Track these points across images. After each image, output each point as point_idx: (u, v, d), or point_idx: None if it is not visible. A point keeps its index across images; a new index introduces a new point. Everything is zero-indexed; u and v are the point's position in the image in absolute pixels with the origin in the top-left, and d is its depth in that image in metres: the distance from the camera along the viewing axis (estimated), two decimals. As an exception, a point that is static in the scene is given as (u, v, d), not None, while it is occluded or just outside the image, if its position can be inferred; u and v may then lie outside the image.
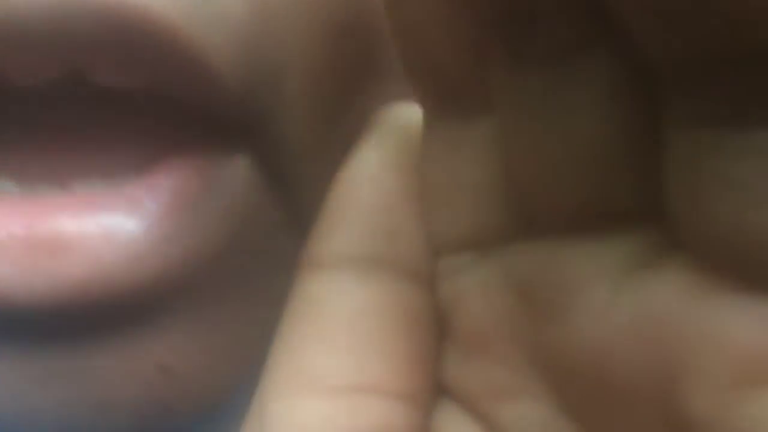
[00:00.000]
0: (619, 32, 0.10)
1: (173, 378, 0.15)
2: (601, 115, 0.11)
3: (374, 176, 0.14)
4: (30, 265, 0.14)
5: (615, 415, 0.11)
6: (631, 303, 0.11)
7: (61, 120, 0.16)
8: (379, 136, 0.14)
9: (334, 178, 0.14)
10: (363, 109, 0.15)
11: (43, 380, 0.15)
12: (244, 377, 0.16)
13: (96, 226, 0.14)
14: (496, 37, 0.11)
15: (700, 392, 0.10)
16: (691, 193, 0.10)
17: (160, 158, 0.16)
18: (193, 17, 0.14)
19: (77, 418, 0.15)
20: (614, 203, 0.11)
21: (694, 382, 0.10)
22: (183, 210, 0.15)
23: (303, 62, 0.15)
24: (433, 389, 0.14)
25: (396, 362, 0.14)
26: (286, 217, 0.16)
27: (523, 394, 0.13)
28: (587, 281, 0.12)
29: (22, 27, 0.13)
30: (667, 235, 0.11)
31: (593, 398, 0.12)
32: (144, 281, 0.15)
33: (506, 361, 0.13)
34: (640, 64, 0.10)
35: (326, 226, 0.14)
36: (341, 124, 0.16)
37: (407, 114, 0.14)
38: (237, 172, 0.16)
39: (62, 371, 0.15)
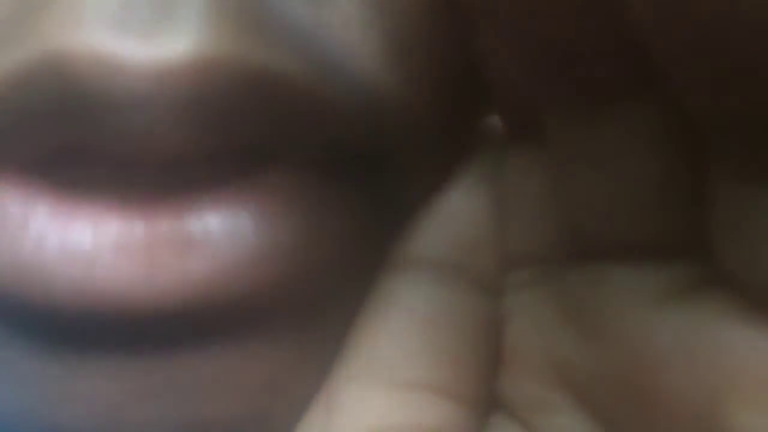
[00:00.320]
0: (663, 85, 0.11)
1: (280, 395, 0.15)
2: (642, 158, 0.11)
3: (466, 190, 0.15)
4: (155, 265, 0.13)
5: (654, 428, 0.12)
6: (673, 325, 0.12)
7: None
8: (476, 159, 0.15)
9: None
10: (463, 133, 0.16)
11: (140, 394, 0.14)
12: None
13: (220, 225, 0.13)
14: (542, 78, 0.12)
15: (744, 414, 0.11)
16: (735, 240, 0.11)
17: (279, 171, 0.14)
18: (327, 82, 0.13)
19: None
20: (656, 238, 0.12)
21: (738, 403, 0.11)
22: (303, 218, 0.14)
23: (420, 103, 0.15)
24: (491, 399, 0.14)
25: (462, 368, 0.14)
26: (388, 237, 0.15)
27: (562, 410, 0.13)
28: (629, 306, 0.12)
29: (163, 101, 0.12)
30: (709, 268, 0.11)
31: (633, 417, 0.12)
32: (264, 284, 0.14)
33: (543, 378, 0.14)
34: (684, 116, 0.11)
35: (415, 230, 0.15)
36: (447, 150, 0.15)
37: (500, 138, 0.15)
38: (352, 192, 0.15)
39: (163, 384, 0.14)
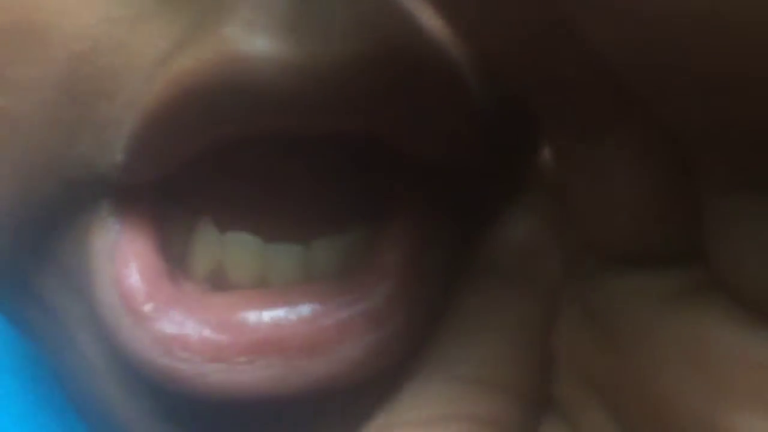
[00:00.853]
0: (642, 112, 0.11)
1: None
2: (637, 178, 0.12)
3: (527, 205, 0.16)
4: (290, 365, 0.15)
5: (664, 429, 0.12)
6: (674, 328, 0.12)
7: (292, 174, 0.17)
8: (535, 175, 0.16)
9: None
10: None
11: None
12: None
13: (338, 324, 0.15)
14: (545, 109, 0.12)
15: (741, 417, 0.11)
16: (724, 248, 0.11)
17: (389, 214, 0.16)
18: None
19: None
20: (658, 248, 0.12)
21: (735, 407, 0.11)
22: (412, 288, 0.16)
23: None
24: (546, 398, 0.15)
25: (518, 367, 0.15)
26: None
27: (591, 409, 0.14)
28: (634, 311, 0.12)
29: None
30: (708, 274, 0.11)
31: (647, 420, 0.12)
32: (382, 370, 0.15)
33: (575, 378, 0.14)
34: (665, 132, 0.11)
35: (482, 241, 0.16)
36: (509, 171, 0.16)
37: None
38: (447, 231, 0.16)
39: None
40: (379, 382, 0.16)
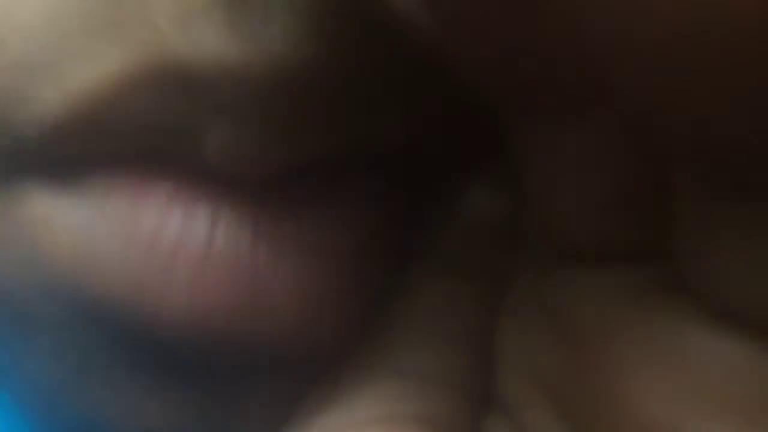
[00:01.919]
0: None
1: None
2: (608, 165, 0.11)
3: (483, 191, 0.16)
4: (256, 294, 0.14)
5: None
6: (638, 330, 0.11)
7: None
8: (494, 163, 0.15)
9: None
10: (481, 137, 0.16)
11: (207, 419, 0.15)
12: None
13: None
14: (501, 85, 0.12)
15: (705, 425, 0.11)
16: (698, 253, 0.10)
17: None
18: None
19: None
20: (624, 243, 0.12)
21: (700, 415, 0.11)
22: (358, 273, 0.15)
23: None
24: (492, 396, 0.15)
25: (468, 362, 0.14)
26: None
27: (538, 410, 0.13)
28: (596, 308, 0.12)
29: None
30: (675, 275, 0.11)
31: (598, 423, 0.12)
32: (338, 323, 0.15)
33: (524, 378, 0.14)
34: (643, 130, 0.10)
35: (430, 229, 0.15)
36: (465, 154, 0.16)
37: None
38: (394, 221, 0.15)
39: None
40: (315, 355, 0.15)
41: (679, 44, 0.08)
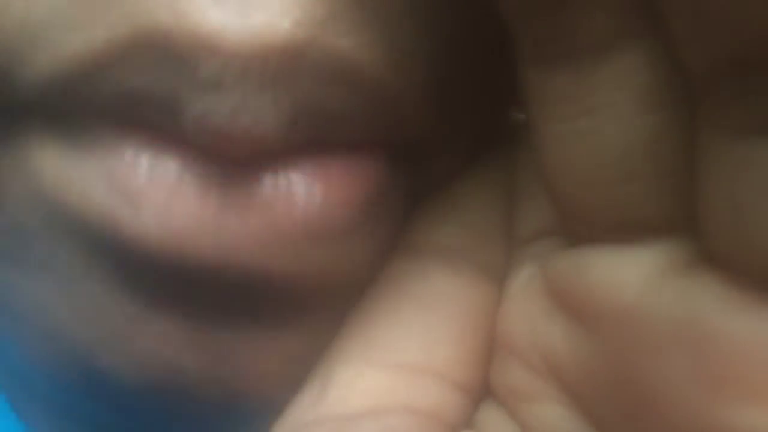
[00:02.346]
0: (660, 30, 0.10)
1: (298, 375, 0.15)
2: (631, 120, 0.11)
3: (478, 179, 0.15)
4: (222, 227, 0.13)
5: (645, 422, 0.11)
6: (667, 311, 0.11)
7: None
8: (489, 150, 0.16)
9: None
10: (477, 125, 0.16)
11: (193, 350, 0.14)
12: None
13: (288, 193, 0.14)
14: (522, 30, 0.11)
15: (747, 408, 0.10)
16: (726, 204, 0.10)
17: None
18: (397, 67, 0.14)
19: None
20: (645, 213, 0.11)
21: (739, 397, 0.10)
22: (365, 203, 0.14)
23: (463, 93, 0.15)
24: (486, 386, 0.14)
25: (460, 353, 0.14)
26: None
27: (547, 400, 0.13)
28: (618, 290, 0.12)
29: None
30: (701, 247, 0.11)
31: (621, 412, 0.12)
32: (323, 264, 0.14)
33: (530, 366, 0.13)
34: (677, 68, 0.10)
35: (425, 216, 0.15)
36: (461, 141, 0.16)
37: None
38: (400, 192, 0.15)
39: (213, 344, 0.15)
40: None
41: None
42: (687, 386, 0.11)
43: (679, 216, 0.11)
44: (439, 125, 0.15)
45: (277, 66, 0.13)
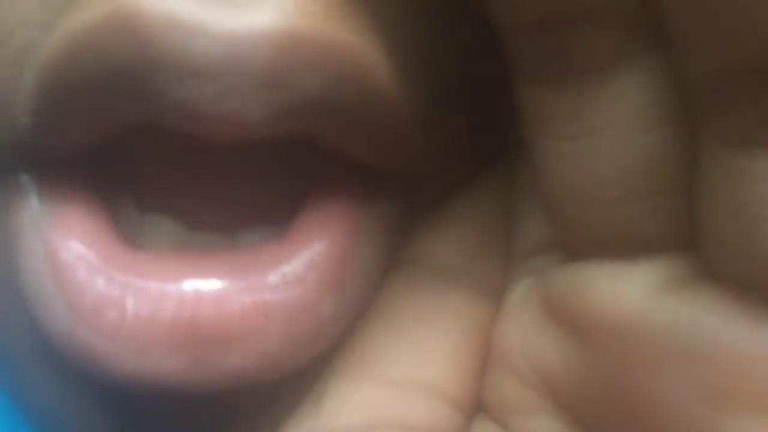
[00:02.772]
0: (661, 47, 0.10)
1: None
2: (631, 140, 0.11)
3: (475, 195, 0.15)
4: (196, 359, 0.13)
5: None
6: (666, 324, 0.11)
7: (219, 165, 0.16)
8: (487, 167, 0.16)
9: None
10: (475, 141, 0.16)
11: None
12: None
13: (255, 307, 0.14)
14: (523, 49, 0.11)
15: (745, 420, 0.10)
16: (730, 217, 0.10)
17: (320, 203, 0.15)
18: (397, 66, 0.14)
19: None
20: (644, 231, 0.11)
21: (739, 408, 0.10)
22: (340, 277, 0.14)
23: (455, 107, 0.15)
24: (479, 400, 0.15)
25: (456, 369, 0.14)
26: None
27: (542, 414, 0.13)
28: (617, 305, 0.12)
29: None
30: (700, 262, 0.11)
31: (619, 426, 0.12)
32: (305, 364, 0.14)
33: (524, 381, 0.13)
34: (677, 86, 0.10)
35: (422, 232, 0.15)
36: (459, 158, 0.16)
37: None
38: (385, 219, 0.15)
39: None
40: (302, 376, 0.15)
41: None
42: (687, 400, 0.11)
43: (678, 232, 0.11)
44: (431, 137, 0.14)
45: (266, 52, 0.12)
